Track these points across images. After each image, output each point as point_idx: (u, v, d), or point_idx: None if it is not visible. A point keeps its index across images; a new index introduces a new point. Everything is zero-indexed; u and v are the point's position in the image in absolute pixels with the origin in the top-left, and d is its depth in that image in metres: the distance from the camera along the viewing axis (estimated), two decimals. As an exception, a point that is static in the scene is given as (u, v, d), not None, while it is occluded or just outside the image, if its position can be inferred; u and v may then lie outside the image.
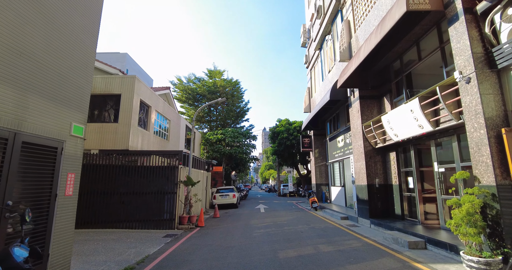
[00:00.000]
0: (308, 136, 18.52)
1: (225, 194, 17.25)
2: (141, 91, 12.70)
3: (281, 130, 28.43)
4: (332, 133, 16.18)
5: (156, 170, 10.15)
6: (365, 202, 9.70)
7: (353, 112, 10.75)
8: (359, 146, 10.22)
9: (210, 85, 27.31)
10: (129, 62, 28.09)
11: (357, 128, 10.38)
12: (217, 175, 23.95)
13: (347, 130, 13.58)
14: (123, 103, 11.79)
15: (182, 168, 10.83)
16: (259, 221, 11.37)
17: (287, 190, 30.88)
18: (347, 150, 13.69)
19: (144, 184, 9.94)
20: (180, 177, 10.52)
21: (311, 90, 18.52)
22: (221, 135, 24.03)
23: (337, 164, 15.56)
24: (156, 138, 14.47)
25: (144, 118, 13.29)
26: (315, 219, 11.59)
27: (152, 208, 9.83)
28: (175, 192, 10.13)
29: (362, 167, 9.93)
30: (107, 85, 11.98)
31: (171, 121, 17.06)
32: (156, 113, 14.68)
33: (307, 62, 19.01)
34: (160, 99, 15.24)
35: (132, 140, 11.67)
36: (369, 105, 10.16)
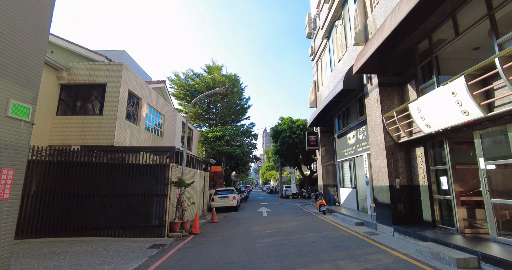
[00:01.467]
0: (314, 133, 17.16)
1: (224, 196, 15.87)
2: (130, 81, 11.37)
3: (283, 129, 27.10)
4: (341, 129, 14.80)
5: (143, 168, 8.78)
6: (386, 206, 8.32)
7: (370, 102, 9.38)
8: (378, 141, 8.85)
9: (209, 81, 25.98)
10: (127, 60, 26.85)
11: (375, 120, 9.02)
12: (216, 175, 22.58)
13: (360, 125, 12.22)
14: (109, 93, 10.45)
15: (174, 166, 9.46)
16: (262, 227, 9.98)
17: (289, 192, 29.48)
18: (359, 147, 12.32)
19: (129, 185, 8.58)
20: (171, 177, 9.15)
21: (317, 83, 17.17)
22: (220, 133, 22.66)
23: (347, 163, 14.18)
24: (148, 134, 13.12)
25: (133, 112, 11.95)
26: (325, 225, 10.20)
27: (139, 213, 8.46)
28: (165, 195, 8.76)
29: (382, 166, 8.56)
30: (91, 73, 10.65)
31: (166, 116, 15.71)
32: (148, 106, 13.33)
33: (313, 54, 17.68)
34: (153, 92, 13.90)
35: (118, 135, 10.31)
36: (389, 93, 8.80)
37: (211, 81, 26.10)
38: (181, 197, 9.40)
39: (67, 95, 10.67)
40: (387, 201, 8.27)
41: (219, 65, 26.76)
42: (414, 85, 8.15)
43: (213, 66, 26.85)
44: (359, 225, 9.80)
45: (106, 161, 8.60)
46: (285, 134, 26.40)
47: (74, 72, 10.62)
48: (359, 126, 12.34)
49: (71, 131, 10.14)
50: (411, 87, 8.28)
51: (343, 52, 12.41)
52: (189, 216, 10.57)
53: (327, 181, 16.17)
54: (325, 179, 16.16)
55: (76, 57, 11.84)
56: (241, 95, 27.75)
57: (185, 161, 9.88)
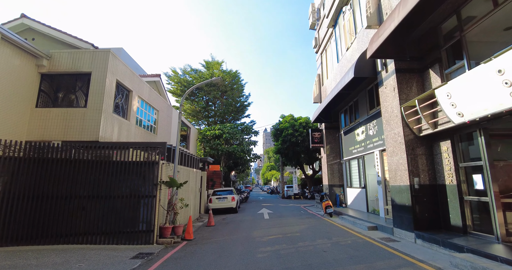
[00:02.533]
0: (319, 130, 16.12)
1: (222, 197, 14.83)
2: (119, 71, 10.34)
3: (285, 127, 26.05)
4: (349, 125, 13.76)
5: (130, 166, 7.75)
6: (405, 208, 7.27)
7: (385, 91, 8.34)
8: (395, 135, 7.80)
9: (208, 77, 24.94)
10: (125, 57, 25.88)
11: (392, 111, 7.97)
12: (215, 175, 21.54)
13: (370, 119, 11.17)
14: (94, 83, 9.42)
15: (165, 164, 8.43)
16: (263, 232, 8.95)
17: (291, 192, 28.43)
18: (370, 144, 11.28)
19: (113, 185, 7.55)
20: (161, 176, 8.13)
21: (322, 77, 16.13)
22: (219, 131, 21.64)
23: (355, 161, 13.13)
24: (139, 130, 12.09)
25: (122, 105, 10.92)
26: (334, 229, 9.15)
27: (124, 217, 7.43)
28: (154, 196, 7.73)
29: (401, 163, 7.52)
30: (75, 61, 9.62)
31: (160, 112, 14.69)
32: (139, 100, 12.31)
33: (317, 46, 16.64)
34: (145, 84, 12.88)
35: (104, 130, 9.29)
36: (408, 81, 7.76)
37: (210, 77, 25.06)
38: (173, 198, 8.37)
39: (48, 86, 9.65)
40: (407, 203, 7.23)
41: (218, 61, 25.74)
42: (438, 70, 7.10)
43: (212, 61, 25.84)
44: (373, 230, 8.75)
45: (87, 158, 7.56)
46: (287, 132, 25.35)
47: (55, 60, 9.60)
48: (370, 121, 11.30)
49: (52, 125, 9.12)
50: (434, 72, 7.24)
51: (351, 39, 11.37)
52: (182, 220, 9.54)
53: (333, 181, 15.12)
54: (331, 179, 15.11)
55: (59, 45, 10.83)
56: (241, 92, 26.71)
57: (178, 158, 8.85)
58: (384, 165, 10.41)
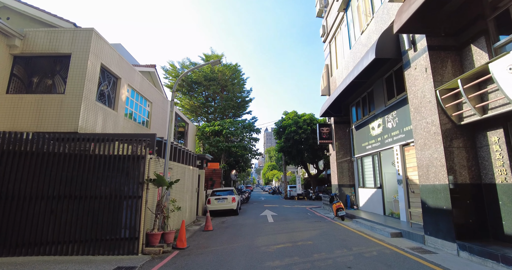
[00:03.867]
0: (327, 125, 14.84)
1: (222, 198, 13.56)
2: (104, 54, 9.09)
3: (288, 124, 24.78)
4: (362, 119, 12.48)
5: (110, 161, 6.50)
6: (442, 212, 5.99)
7: (414, 73, 7.06)
8: (428, 124, 6.53)
9: (207, 71, 23.68)
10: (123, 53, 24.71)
11: (423, 96, 6.70)
12: (214, 174, 20.27)
13: (389, 111, 9.91)
14: (74, 66, 8.18)
15: (153, 159, 7.18)
16: (269, 239, 7.67)
17: (294, 192, 27.14)
18: (388, 138, 10.00)
19: (90, 183, 6.29)
20: (149, 173, 6.87)
21: (331, 67, 14.85)
22: (219, 127, 20.38)
23: (369, 158, 11.85)
24: (129, 122, 10.84)
25: (109, 93, 9.67)
26: (351, 236, 7.87)
27: (102, 221, 6.18)
28: (139, 196, 6.48)
29: (436, 157, 6.24)
30: (53, 41, 8.38)
31: (154, 104, 13.44)
32: (129, 89, 11.06)
33: (325, 34, 15.37)
34: (137, 73, 11.63)
35: (84, 119, 8.04)
36: (443, 59, 6.49)
37: (210, 71, 23.81)
38: (163, 200, 7.10)
39: (21, 69, 8.41)
40: (444, 206, 5.95)
41: (218, 54, 24.47)
42: (484, 44, 5.82)
43: (212, 55, 24.58)
44: (397, 237, 7.48)
45: (58, 151, 6.30)
46: (290, 129, 24.07)
47: (30, 40, 8.36)
48: (388, 112, 10.03)
49: (24, 113, 7.88)
50: (478, 48, 5.96)
51: (367, 20, 10.09)
52: (174, 225, 8.29)
53: (342, 180, 13.84)
54: (340, 178, 13.83)
55: (38, 25, 9.58)
56: (242, 87, 25.43)
57: (169, 152, 7.59)
58: (405, 162, 9.15)
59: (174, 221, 8.87)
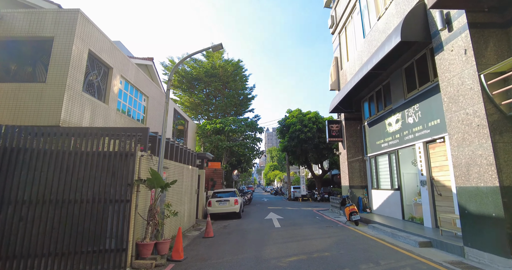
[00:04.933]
0: (337, 122, 13.84)
1: (223, 200, 12.57)
2: (92, 39, 8.13)
3: (293, 122, 23.78)
4: (376, 114, 11.49)
5: (93, 159, 5.52)
6: (491, 221, 4.99)
7: (449, 57, 6.06)
8: (468, 115, 5.52)
9: (208, 67, 22.70)
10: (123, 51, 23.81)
11: (461, 83, 5.70)
12: (215, 174, 19.28)
13: (410, 104, 8.92)
14: (57, 51, 7.21)
15: (145, 157, 6.21)
16: (278, 249, 6.68)
17: (298, 194, 26.12)
18: (409, 134, 9.01)
19: (68, 185, 5.32)
20: (139, 172, 5.89)
21: (341, 60, 13.86)
22: (220, 125, 19.41)
23: (385, 157, 10.85)
24: (122, 117, 9.87)
25: (99, 84, 8.70)
26: (373, 245, 6.87)
27: (83, 230, 5.20)
28: (128, 200, 5.50)
29: (480, 154, 5.23)
30: (33, 24, 7.41)
31: (151, 99, 12.47)
32: (122, 81, 10.09)
33: (333, 25, 14.38)
34: (131, 63, 10.67)
35: (69, 112, 7.07)
36: (487, 39, 5.50)
37: (211, 67, 22.84)
38: (156, 203, 6.12)
39: (-2, 56, 7.44)
40: (493, 213, 4.94)
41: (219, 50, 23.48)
42: (541, 18, 4.82)
43: (213, 50, 23.58)
44: (426, 247, 6.48)
45: (31, 146, 5.33)
46: (294, 128, 23.07)
47: (7, 22, 7.40)
48: (408, 106, 9.04)
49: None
50: (533, 23, 4.96)
51: (386, 4, 9.10)
52: (171, 231, 7.32)
53: (353, 181, 12.83)
54: (351, 179, 12.83)
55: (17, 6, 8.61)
56: (245, 84, 24.44)
57: (164, 149, 6.60)
58: (430, 161, 8.15)
59: (171, 226, 7.89)
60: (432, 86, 7.85)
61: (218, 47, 7.35)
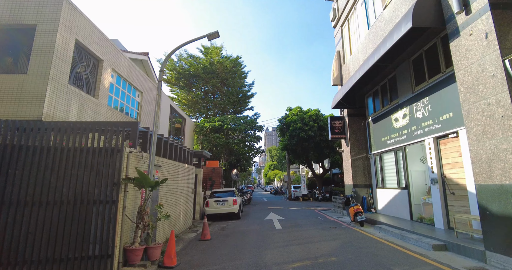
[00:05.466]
0: (340, 118, 13.30)
1: (222, 200, 12.05)
2: (80, 29, 7.59)
3: (293, 120, 23.27)
4: (381, 110, 10.97)
5: (75, 155, 4.99)
6: (517, 222, 4.46)
7: (466, 43, 5.54)
8: (490, 106, 5.00)
9: (206, 64, 22.14)
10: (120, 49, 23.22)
11: (481, 71, 5.17)
12: (214, 173, 18.75)
13: (419, 97, 8.40)
14: (39, 40, 6.68)
15: (134, 153, 5.68)
16: (280, 253, 6.15)
17: (299, 193, 25.62)
18: (417, 129, 8.49)
19: (46, 185, 4.79)
20: (127, 171, 5.37)
21: (343, 53, 13.33)
22: (219, 123, 18.88)
23: (391, 154, 10.33)
24: (114, 113, 9.33)
25: (88, 77, 8.16)
26: (382, 248, 6.35)
27: (63, 235, 4.67)
28: (114, 201, 4.97)
29: (505, 148, 4.72)
30: (14, 11, 6.87)
31: (145, 94, 11.94)
32: (114, 74, 9.55)
33: (336, 18, 13.85)
34: (123, 56, 10.13)
35: (52, 105, 6.53)
36: (510, 20, 4.97)
37: (209, 63, 22.28)
38: (146, 204, 5.58)
39: (-24, 45, 6.89)
40: (520, 215, 4.42)
41: (217, 46, 22.95)
42: None
43: (211, 46, 23.05)
44: (441, 250, 5.96)
45: (4, 142, 4.79)
46: (295, 126, 22.55)
47: (-13, 9, 6.85)
48: (417, 99, 8.52)
49: (-23, 98, 6.36)
50: None
51: (393, -9, 8.57)
52: (165, 234, 6.79)
53: (357, 180, 12.32)
54: (355, 178, 12.31)
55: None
56: (244, 81, 23.88)
57: (155, 145, 6.06)
58: (441, 158, 7.64)
59: (164, 228, 7.37)
60: (444, 78, 7.33)
61: (214, 35, 6.81)
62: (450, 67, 7.12)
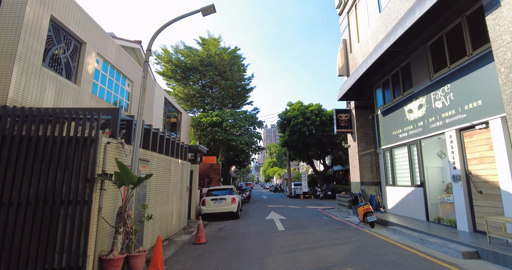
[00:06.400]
0: (346, 111, 12.42)
1: (219, 198, 11.19)
2: (56, 3, 6.64)
3: (294, 115, 22.40)
4: (392, 101, 10.11)
5: (38, 147, 4.10)
6: None
7: (509, 14, 4.66)
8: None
9: (203, 56, 21.16)
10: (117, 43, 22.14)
11: (531, 45, 4.30)
12: (212, 170, 17.89)
13: (439, 85, 7.55)
14: (4, 13, 5.73)
15: (112, 144, 4.79)
16: (286, 263, 5.31)
17: (300, 191, 24.83)
18: (436, 121, 7.64)
19: (1, 183, 3.90)
20: (105, 164, 4.48)
21: (350, 42, 12.43)
22: (217, 118, 17.97)
23: (403, 149, 9.50)
24: (99, 102, 8.42)
25: (67, 61, 7.23)
26: (402, 255, 5.51)
27: (21, 243, 3.80)
28: (87, 201, 4.10)
29: None
30: (-22, -19, 5.90)
31: (137, 84, 11.01)
32: (100, 60, 8.62)
33: (341, 4, 12.93)
34: (111, 41, 9.19)
35: (21, 89, 5.61)
36: None
37: (206, 55, 21.30)
38: (128, 205, 4.70)
39: None
40: None
41: (215, 37, 21.93)
42: None
43: (209, 38, 22.04)
44: (473, 258, 5.15)
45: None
46: (296, 121, 21.68)
47: None
48: (436, 88, 7.66)
49: None
50: None
51: (411, -34, 7.66)
52: (154, 238, 5.94)
53: (364, 177, 11.48)
54: (362, 174, 11.48)
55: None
56: (243, 74, 22.92)
57: (141, 136, 5.18)
58: (465, 152, 6.80)
59: (154, 231, 6.52)
60: (470, 61, 6.47)
61: (209, 10, 5.88)
62: (478, 49, 6.27)
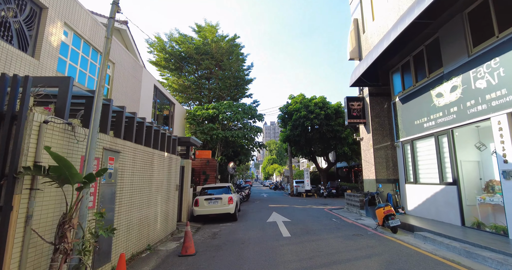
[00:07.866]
0: (359, 99, 10.98)
1: (214, 198, 9.80)
2: (1, -48, 5.18)
3: (296, 108, 21.01)
4: (413, 86, 8.72)
5: None
6: None
7: None
8: None
9: (199, 43, 19.66)
10: None
11: None
12: (208, 167, 16.47)
13: (477, 62, 6.20)
14: None
15: (53, 125, 3.37)
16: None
17: (302, 189, 23.48)
18: (475, 105, 6.27)
19: None
20: (38, 153, 3.06)
21: (363, 21, 10.98)
22: (213, 110, 16.55)
23: (429, 141, 8.12)
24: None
25: (20, 26, 5.79)
26: (453, 276, 4.14)
27: None
28: (2, 207, 2.69)
29: None
30: None
31: (118, 66, 9.56)
32: (69, 32, 7.18)
33: (353, -21, 11.46)
34: (84, 10, 7.73)
35: None
36: None
37: (202, 43, 19.79)
38: (73, 212, 3.29)
39: None
40: None
41: (212, 24, 20.39)
42: None
43: (206, 25, 20.52)
44: (550, 283, 3.76)
45: None
46: (299, 114, 20.28)
47: None
48: (476, 64, 6.27)
49: None
50: None
51: None
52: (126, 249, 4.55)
53: (380, 173, 10.10)
54: (378, 171, 10.09)
55: None
56: (242, 64, 21.42)
57: (99, 114, 3.79)
58: (519, 142, 5.42)
59: (129, 240, 5.13)
60: (531, 25, 5.06)
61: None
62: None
